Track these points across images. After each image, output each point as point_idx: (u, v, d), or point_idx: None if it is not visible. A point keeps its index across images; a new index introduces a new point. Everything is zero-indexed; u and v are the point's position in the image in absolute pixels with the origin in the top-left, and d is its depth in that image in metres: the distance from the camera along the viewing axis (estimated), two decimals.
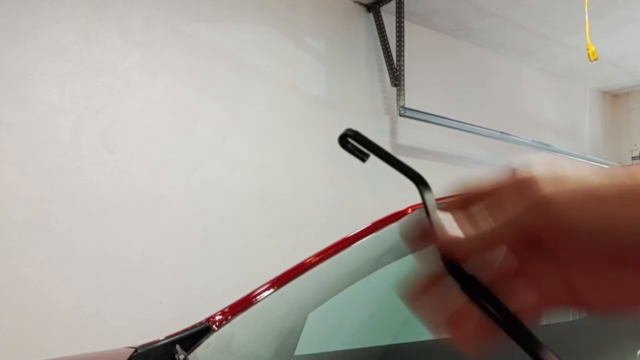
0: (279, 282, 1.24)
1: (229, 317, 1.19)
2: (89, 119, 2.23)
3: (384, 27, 3.24)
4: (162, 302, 2.32)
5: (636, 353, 0.74)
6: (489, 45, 3.85)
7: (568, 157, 4.19)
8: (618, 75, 4.44)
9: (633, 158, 4.75)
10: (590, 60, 2.48)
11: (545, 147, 4.01)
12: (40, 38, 2.14)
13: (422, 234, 0.30)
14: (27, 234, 2.05)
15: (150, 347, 1.12)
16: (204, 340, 1.15)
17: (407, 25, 3.28)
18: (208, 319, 1.20)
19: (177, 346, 1.10)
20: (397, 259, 1.38)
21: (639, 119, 4.84)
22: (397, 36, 3.22)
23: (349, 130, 0.33)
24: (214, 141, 2.56)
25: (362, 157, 0.34)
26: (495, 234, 0.27)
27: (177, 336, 1.15)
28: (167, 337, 1.14)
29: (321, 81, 3.01)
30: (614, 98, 4.99)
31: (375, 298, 1.47)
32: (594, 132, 4.74)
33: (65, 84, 2.19)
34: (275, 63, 2.82)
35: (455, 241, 0.27)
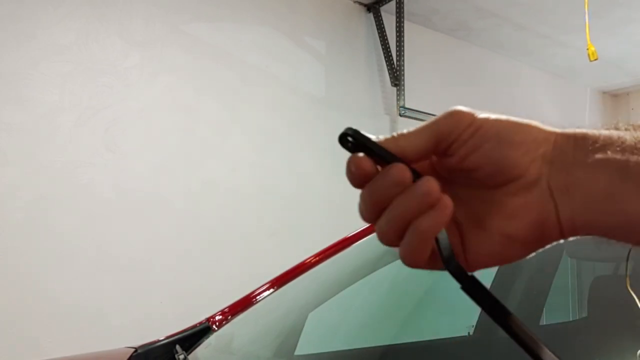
0: (279, 282, 1.24)
1: (229, 317, 1.19)
2: (89, 119, 2.23)
3: (384, 27, 3.24)
4: (163, 302, 2.32)
5: (636, 353, 0.74)
6: (489, 45, 3.85)
7: None
8: (618, 75, 4.44)
9: None
10: (590, 60, 2.48)
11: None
12: (40, 38, 2.14)
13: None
14: (28, 233, 2.05)
15: (150, 347, 1.11)
16: (204, 340, 1.15)
17: (407, 25, 3.28)
18: (208, 319, 1.20)
19: (177, 346, 1.10)
20: (397, 259, 1.37)
21: (639, 119, 4.83)
22: (397, 36, 3.22)
23: (349, 129, 0.33)
24: (214, 141, 2.56)
25: None
26: (417, 133, 0.33)
27: (177, 336, 1.15)
28: (167, 337, 1.14)
29: (321, 81, 3.01)
30: (614, 98, 4.99)
31: (375, 298, 1.47)
32: None
33: (65, 84, 2.19)
34: (275, 63, 2.82)
35: (388, 140, 0.33)
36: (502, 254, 0.33)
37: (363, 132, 0.33)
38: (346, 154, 0.34)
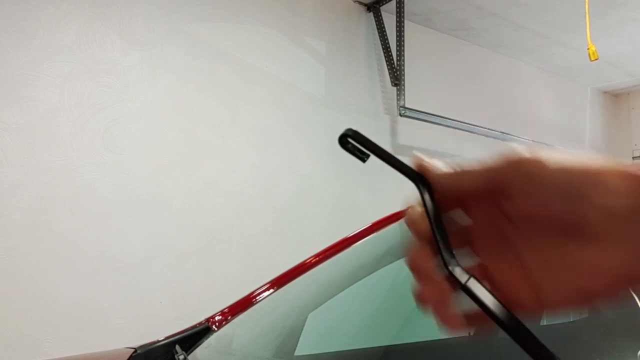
0: (279, 282, 1.24)
1: (229, 317, 1.19)
2: (89, 119, 2.23)
3: (384, 27, 3.24)
4: (162, 302, 2.32)
5: (636, 353, 0.74)
6: (489, 44, 3.85)
7: None
8: (618, 75, 4.44)
9: (634, 158, 4.75)
10: (591, 60, 2.48)
11: (546, 147, 4.01)
12: (40, 38, 2.14)
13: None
14: (28, 233, 2.05)
15: (150, 347, 1.11)
16: (203, 341, 1.15)
17: (407, 25, 3.28)
18: (208, 319, 1.20)
19: (177, 346, 1.10)
20: (397, 259, 1.38)
21: (639, 118, 4.84)
22: (397, 36, 3.22)
23: (349, 130, 0.33)
24: (214, 141, 2.56)
25: (362, 157, 0.34)
26: (472, 173, 0.31)
27: (177, 336, 1.14)
28: (167, 338, 1.14)
29: (321, 81, 3.01)
30: (615, 98, 4.99)
31: (375, 298, 1.47)
32: (594, 132, 4.74)
33: (65, 84, 2.19)
34: (275, 63, 2.82)
35: (438, 173, 0.32)
36: (582, 303, 0.31)
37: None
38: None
